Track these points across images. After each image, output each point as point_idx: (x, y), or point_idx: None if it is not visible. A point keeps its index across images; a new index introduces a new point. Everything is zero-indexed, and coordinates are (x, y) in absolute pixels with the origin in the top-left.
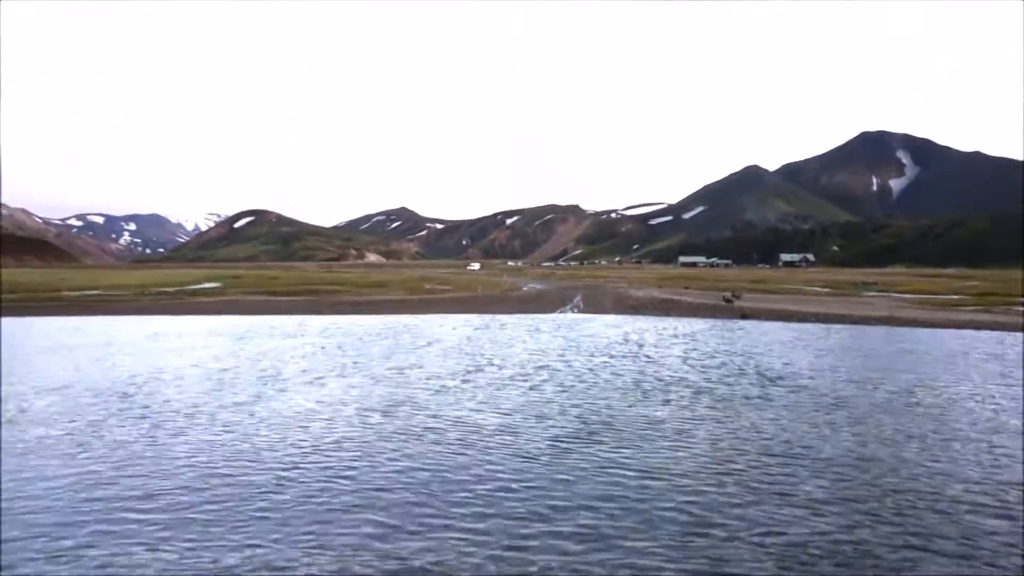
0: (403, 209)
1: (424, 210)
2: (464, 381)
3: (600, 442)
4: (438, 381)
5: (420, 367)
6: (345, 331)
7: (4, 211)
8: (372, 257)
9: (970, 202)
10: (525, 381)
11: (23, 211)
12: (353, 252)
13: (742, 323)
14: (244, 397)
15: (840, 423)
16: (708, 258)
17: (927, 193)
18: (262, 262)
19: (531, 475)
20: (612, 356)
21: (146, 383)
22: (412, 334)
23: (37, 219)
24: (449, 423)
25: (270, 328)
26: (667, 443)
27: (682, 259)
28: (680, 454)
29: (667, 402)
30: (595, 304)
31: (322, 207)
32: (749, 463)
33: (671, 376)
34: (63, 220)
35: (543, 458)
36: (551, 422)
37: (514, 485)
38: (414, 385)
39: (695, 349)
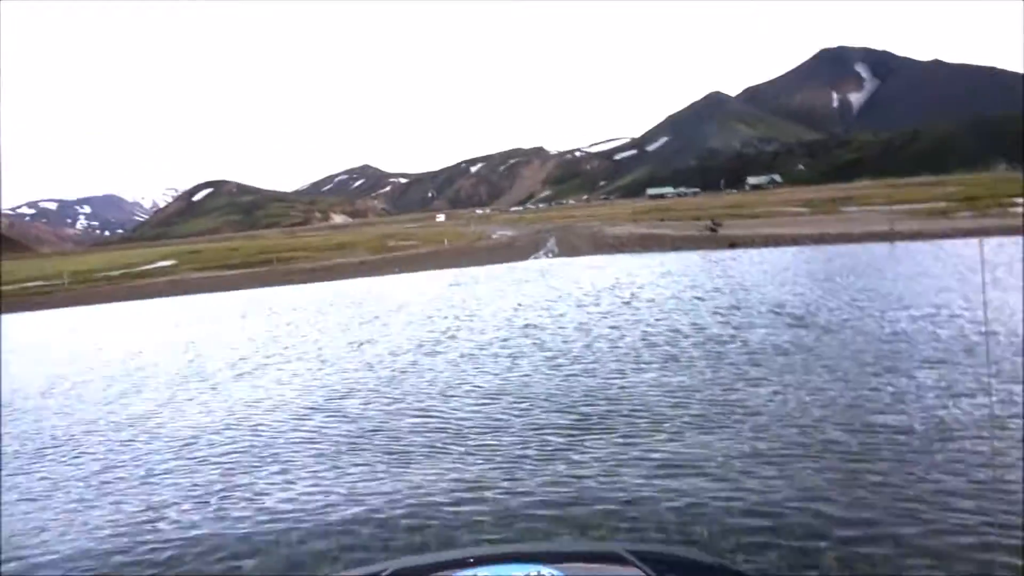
0: (366, 166)
1: (387, 165)
2: (430, 354)
3: (611, 431)
4: (396, 360)
5: (377, 342)
6: (298, 305)
7: None
8: (337, 218)
9: (931, 111)
10: (506, 351)
11: None
12: (318, 215)
13: (732, 253)
14: (140, 409)
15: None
16: (675, 188)
17: (887, 105)
18: (224, 234)
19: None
20: (603, 305)
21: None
22: (372, 301)
23: None
24: (411, 416)
25: (217, 308)
26: (711, 428)
27: (649, 191)
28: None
29: (690, 364)
30: (571, 246)
31: (282, 172)
32: (848, 450)
33: (682, 327)
34: (13, 209)
35: (532, 465)
36: (542, 407)
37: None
38: (366, 369)
39: (694, 287)
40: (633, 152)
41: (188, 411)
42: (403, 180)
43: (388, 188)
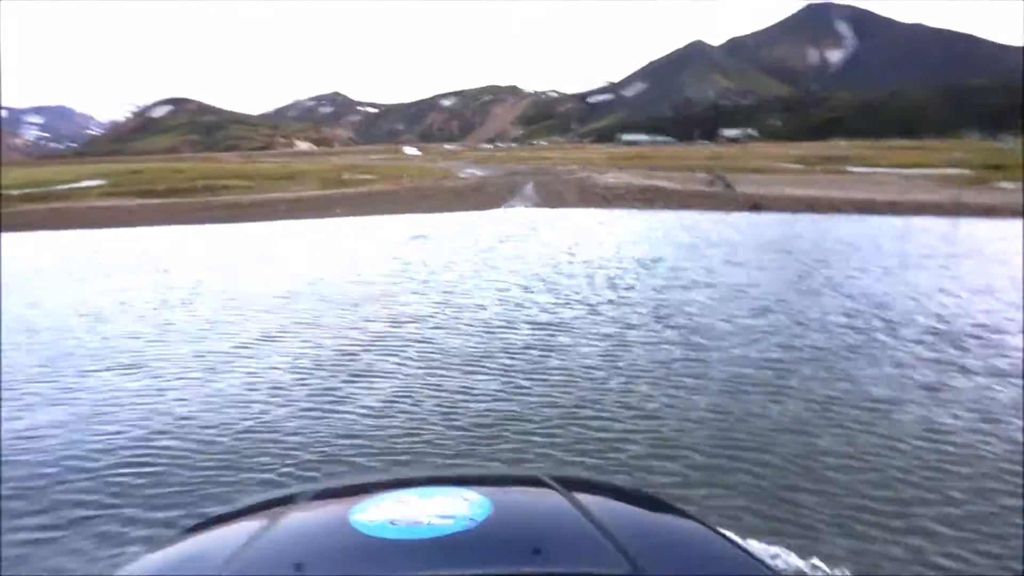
0: (335, 94)
1: (356, 94)
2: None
3: None
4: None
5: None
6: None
7: None
8: (302, 145)
9: (908, 75)
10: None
11: None
12: (281, 140)
13: (762, 217)
14: None
15: None
16: (649, 136)
17: (865, 66)
18: (183, 154)
19: None
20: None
21: None
22: (279, 256)
23: None
24: None
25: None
26: None
27: (624, 137)
28: None
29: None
30: (554, 195)
31: (248, 94)
32: None
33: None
34: None
35: None
36: None
37: None
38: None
39: (791, 272)
40: (608, 96)
41: None
42: (372, 110)
43: (357, 117)
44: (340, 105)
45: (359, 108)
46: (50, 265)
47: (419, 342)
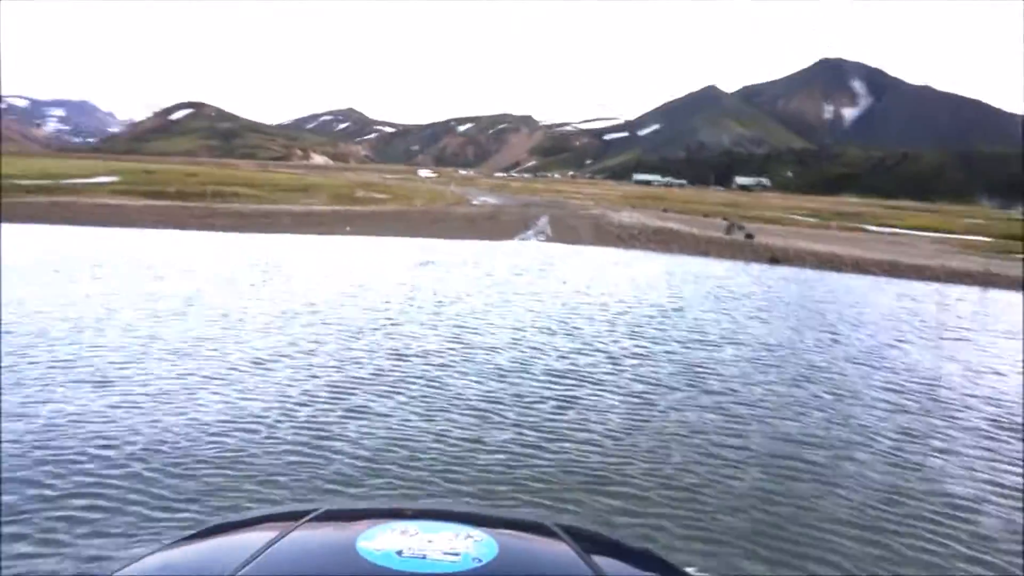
0: (351, 110)
1: (373, 113)
2: None
3: None
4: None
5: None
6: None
7: None
8: (319, 159)
9: (919, 136)
10: None
11: None
12: (299, 152)
13: (780, 271)
14: None
15: None
16: (663, 177)
17: (878, 124)
18: (200, 158)
19: None
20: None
21: None
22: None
23: None
24: None
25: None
26: None
27: (636, 176)
28: None
29: None
30: (568, 230)
31: (265, 104)
32: None
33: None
34: None
35: None
36: None
37: None
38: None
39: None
40: (623, 135)
41: None
42: (388, 129)
43: (373, 135)
44: (357, 122)
45: (376, 127)
46: (37, 260)
47: (423, 382)
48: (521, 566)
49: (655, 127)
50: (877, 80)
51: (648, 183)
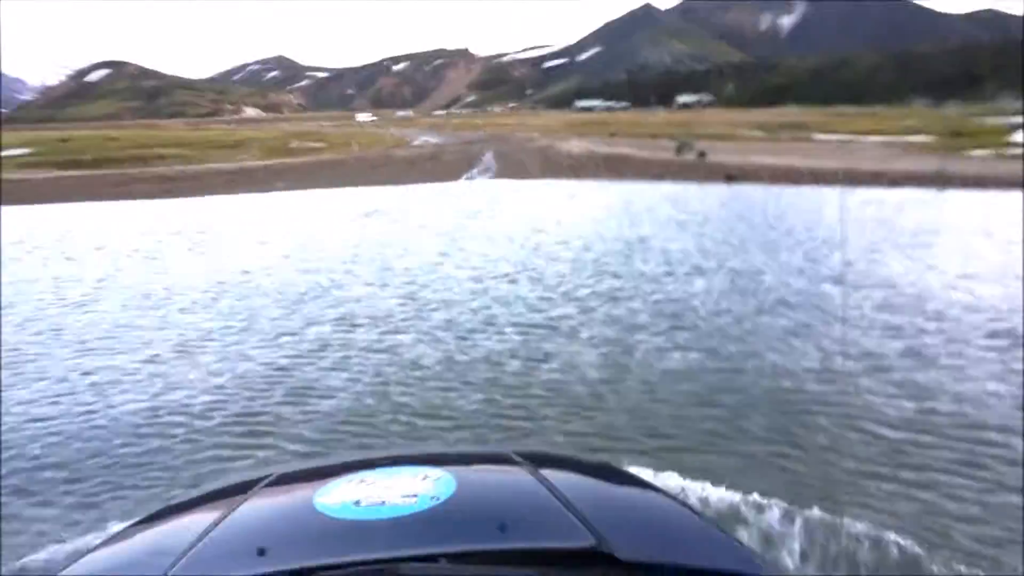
0: (280, 58)
1: (303, 59)
2: None
3: None
4: None
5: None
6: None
7: None
8: (250, 112)
9: (856, 41)
10: None
11: None
12: (229, 107)
13: (740, 189)
14: None
15: None
16: (605, 101)
17: (814, 31)
18: (123, 120)
19: None
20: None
21: None
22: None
23: None
24: None
25: None
26: None
27: (579, 103)
28: None
29: None
30: (515, 165)
31: (189, 58)
32: None
33: None
34: None
35: None
36: None
37: None
38: None
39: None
40: (563, 61)
41: None
42: (321, 75)
43: (305, 83)
44: (287, 70)
45: (307, 73)
46: None
47: (375, 351)
48: (480, 497)
49: (595, 51)
50: None
51: (590, 109)
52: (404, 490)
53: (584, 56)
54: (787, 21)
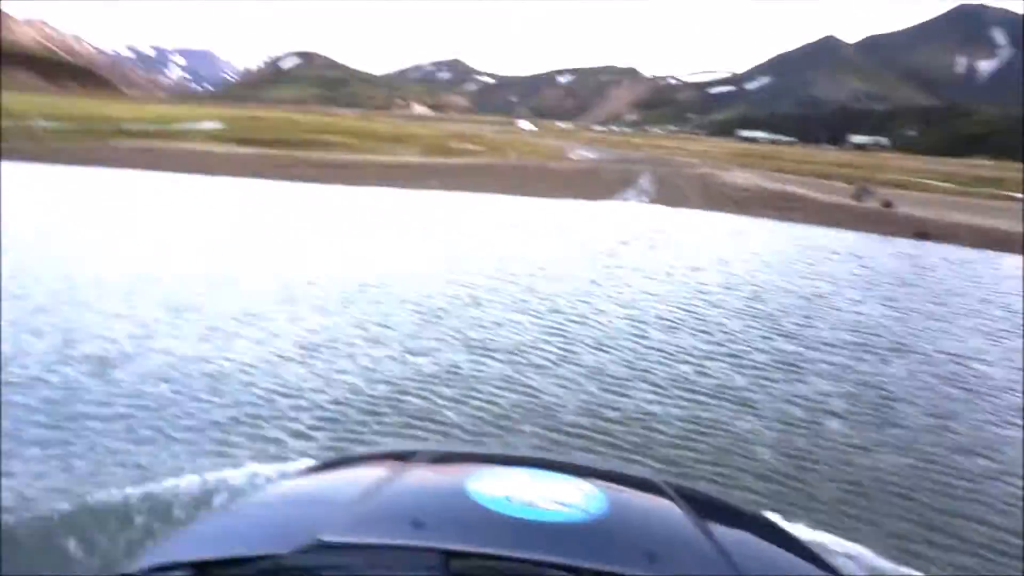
0: (455, 61)
1: (476, 64)
2: None
3: None
4: None
5: None
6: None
7: (56, 35)
8: (418, 108)
9: None
10: None
11: (75, 37)
12: (399, 102)
13: (932, 248)
14: None
15: None
16: (769, 134)
17: (1019, 80)
18: (309, 105)
19: None
20: None
21: None
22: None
23: (89, 46)
24: None
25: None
26: None
27: (743, 132)
28: None
29: None
30: (673, 191)
31: (371, 53)
32: None
33: None
34: (115, 51)
35: None
36: None
37: None
38: None
39: None
40: (730, 88)
41: None
42: (490, 80)
43: (474, 87)
44: (459, 72)
45: (476, 77)
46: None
47: (506, 388)
48: (631, 521)
49: (765, 81)
50: (1021, 27)
51: (754, 140)
52: (555, 496)
53: (753, 85)
54: (987, 66)
